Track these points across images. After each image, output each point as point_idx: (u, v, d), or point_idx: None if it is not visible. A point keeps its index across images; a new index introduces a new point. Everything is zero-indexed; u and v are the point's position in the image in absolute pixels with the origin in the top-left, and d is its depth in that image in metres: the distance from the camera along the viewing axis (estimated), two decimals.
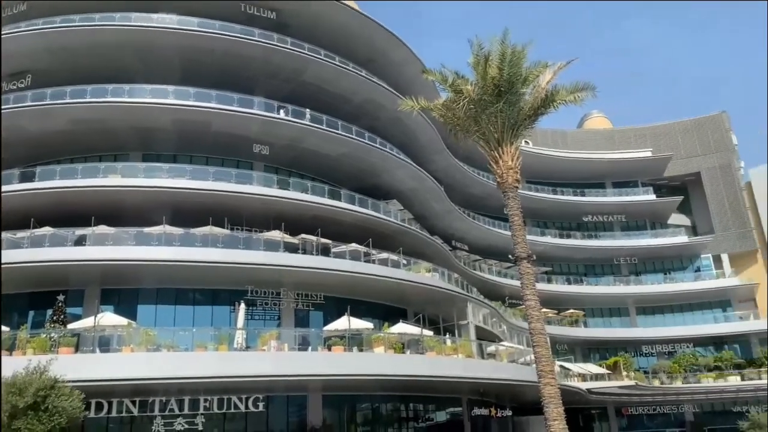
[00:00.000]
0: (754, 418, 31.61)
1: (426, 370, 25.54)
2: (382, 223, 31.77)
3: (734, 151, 57.84)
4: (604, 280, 55.02)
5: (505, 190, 15.44)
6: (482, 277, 44.47)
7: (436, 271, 33.14)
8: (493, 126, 15.14)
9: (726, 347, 51.01)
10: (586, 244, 54.22)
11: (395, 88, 33.85)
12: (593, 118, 66.34)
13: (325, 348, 24.59)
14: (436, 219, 41.42)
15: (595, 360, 49.59)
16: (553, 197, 53.97)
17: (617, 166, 56.71)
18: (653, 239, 55.57)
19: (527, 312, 14.64)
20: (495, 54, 14.78)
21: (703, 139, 58.07)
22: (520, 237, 15.03)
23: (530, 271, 14.85)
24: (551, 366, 14.03)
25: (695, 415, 49.26)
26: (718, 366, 47.97)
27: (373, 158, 33.33)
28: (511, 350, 33.96)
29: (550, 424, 13.23)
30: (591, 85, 15.11)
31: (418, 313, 32.25)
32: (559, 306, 49.84)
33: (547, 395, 13.45)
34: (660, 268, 56.44)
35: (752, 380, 46.39)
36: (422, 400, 31.03)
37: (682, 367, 48.54)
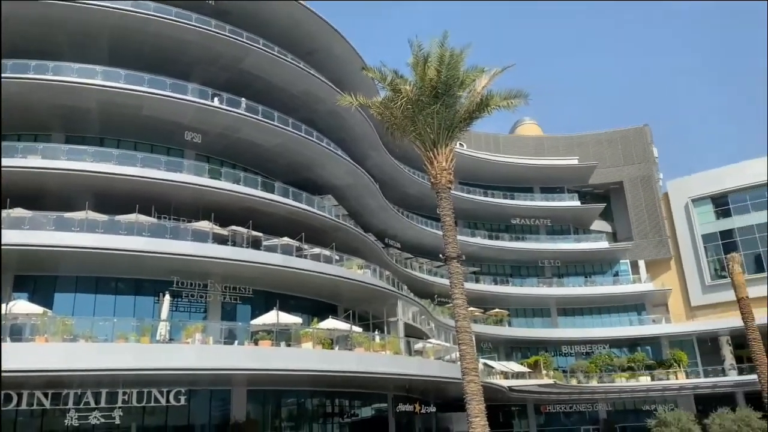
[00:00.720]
0: (661, 416, 33.34)
1: (354, 366, 25.64)
2: (316, 217, 31.63)
3: (654, 162, 60.96)
4: (529, 282, 56.83)
5: (439, 190, 15.69)
6: (413, 275, 45.02)
7: (369, 268, 33.30)
8: (430, 127, 15.35)
9: (639, 349, 53.72)
10: (513, 246, 55.82)
11: (336, 83, 33.75)
12: (525, 124, 68.38)
13: (251, 342, 24.27)
14: (370, 216, 41.61)
15: (518, 359, 51.17)
16: (485, 199, 55.27)
17: (545, 172, 58.68)
18: (576, 244, 57.89)
19: (455, 310, 14.94)
20: (434, 56, 15.00)
21: (627, 150, 60.91)
22: (450, 237, 15.31)
23: (459, 270, 15.15)
24: (475, 364, 14.37)
25: (608, 413, 51.65)
26: (631, 366, 50.46)
27: (309, 151, 33.10)
28: (438, 348, 34.56)
29: (471, 420, 13.56)
30: (524, 92, 15.58)
31: (349, 310, 32.36)
32: (485, 305, 51.13)
33: (470, 392, 13.77)
34: (581, 271, 58.86)
35: (661, 380, 49.10)
36: (349, 396, 31.15)
37: (598, 367, 50.76)
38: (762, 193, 54.79)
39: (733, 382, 47.02)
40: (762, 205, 54.70)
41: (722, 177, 57.08)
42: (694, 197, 57.77)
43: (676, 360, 50.23)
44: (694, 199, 57.74)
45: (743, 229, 55.28)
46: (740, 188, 55.85)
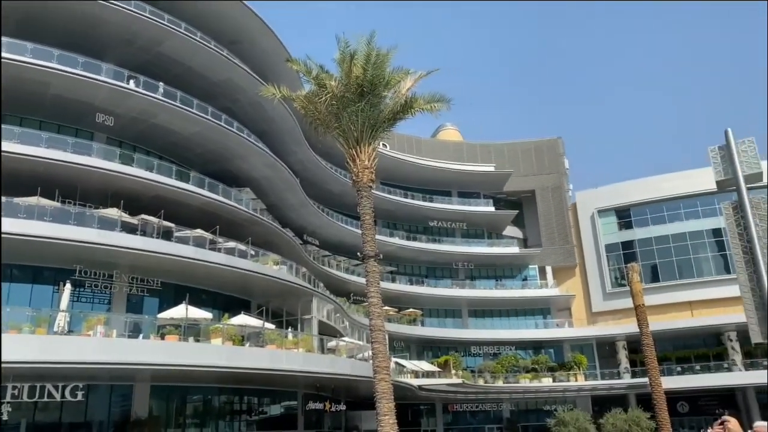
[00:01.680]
0: (560, 416, 35.00)
1: (265, 363, 25.22)
2: (232, 210, 30.87)
3: (565, 174, 63.81)
4: (443, 283, 58.02)
5: (360, 188, 15.68)
6: (330, 272, 44.87)
7: (285, 263, 32.86)
8: (354, 124, 15.31)
9: (543, 351, 56.07)
10: (430, 247, 56.80)
11: (260, 74, 33.04)
12: (447, 130, 69.75)
13: (158, 336, 23.37)
14: (290, 211, 41.09)
15: (429, 358, 52.11)
16: (405, 201, 55.91)
17: (464, 177, 60.11)
18: (489, 248, 59.67)
19: (369, 309, 14.98)
20: (361, 54, 14.98)
21: (540, 160, 63.41)
22: (369, 236, 15.35)
23: (376, 269, 15.22)
24: (387, 362, 14.48)
25: (512, 412, 53.56)
26: (535, 368, 52.59)
27: (228, 142, 32.23)
28: (351, 346, 34.61)
29: (380, 419, 13.64)
30: (446, 97, 15.85)
31: (262, 306, 31.79)
32: (400, 305, 51.73)
33: (380, 391, 13.85)
34: (493, 274, 60.75)
35: (562, 382, 51.48)
36: (258, 394, 30.63)
37: (504, 367, 52.54)
38: (661, 207, 58.60)
39: (626, 385, 49.98)
40: (661, 219, 58.48)
41: (626, 191, 60.55)
42: (599, 208, 60.93)
43: (576, 362, 52.79)
44: (600, 210, 60.91)
45: (643, 241, 58.86)
46: (642, 202, 59.45)
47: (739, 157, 8.50)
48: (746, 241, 8.18)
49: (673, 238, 57.47)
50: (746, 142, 8.59)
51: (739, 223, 8.46)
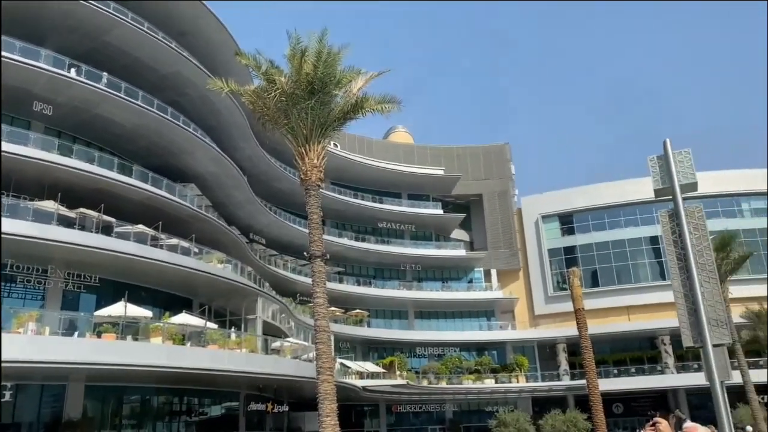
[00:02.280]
0: (501, 417, 35.65)
1: (206, 363, 24.67)
2: (176, 206, 30.09)
3: (511, 179, 65.06)
4: (391, 284, 58.21)
5: (308, 187, 15.52)
6: (276, 272, 44.32)
7: (230, 262, 32.26)
8: (303, 122, 15.14)
9: (486, 352, 56.91)
10: (378, 248, 56.89)
11: (210, 68, 32.29)
12: (398, 132, 70.08)
13: (94, 335, 22.52)
14: (236, 209, 40.37)
15: (374, 359, 52.17)
16: (354, 201, 55.82)
17: (414, 179, 60.51)
18: (436, 250, 60.24)
19: (314, 309, 14.85)
20: (312, 51, 14.83)
21: (488, 165, 64.45)
22: (316, 235, 15.20)
23: (322, 269, 15.09)
24: (331, 363, 14.37)
25: (454, 413, 54.16)
26: (478, 369, 53.36)
27: (173, 135, 31.39)
28: (296, 347, 34.29)
29: (323, 420, 13.53)
30: (397, 99, 15.87)
31: (206, 305, 31.13)
32: (347, 305, 51.59)
33: (323, 392, 13.73)
34: (439, 276, 61.35)
35: (504, 383, 52.43)
36: (198, 394, 29.95)
37: (448, 369, 53.10)
38: (602, 214, 60.48)
39: (565, 386, 51.30)
40: (602, 226, 60.36)
41: (570, 197, 62.24)
42: (543, 214, 62.40)
43: (518, 364, 53.85)
44: (544, 216, 62.39)
45: (584, 247, 60.60)
46: (584, 209, 61.21)
47: (676, 167, 8.78)
48: (680, 248, 8.46)
49: (612, 245, 59.40)
50: (683, 153, 8.90)
51: (674, 230, 8.74)
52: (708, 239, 8.49)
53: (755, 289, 49.64)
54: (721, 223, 50.62)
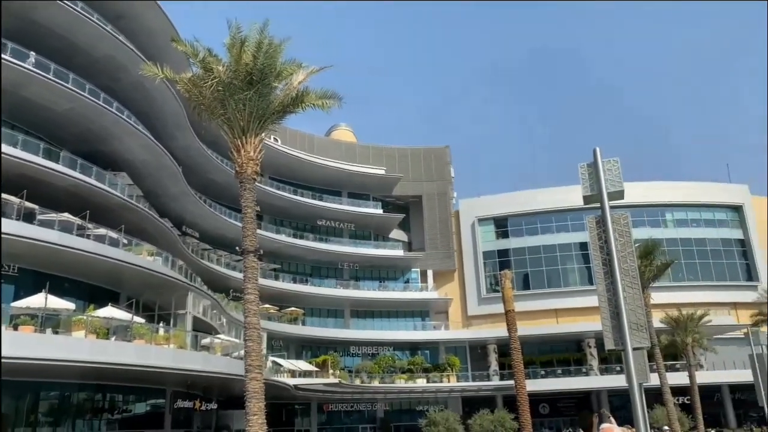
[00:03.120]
0: (431, 416, 36.02)
1: (131, 358, 23.77)
2: (106, 195, 28.90)
3: (450, 181, 65.96)
4: (328, 283, 57.94)
5: (243, 180, 15.16)
6: (209, 267, 43.29)
7: (160, 255, 31.24)
8: (240, 113, 14.78)
9: (419, 352, 57.48)
10: (317, 246, 56.51)
11: (147, 54, 31.07)
12: (340, 129, 69.86)
13: (10, 327, 21.30)
14: (169, 200, 39.15)
15: (307, 357, 51.76)
16: (294, 198, 55.21)
17: (355, 178, 60.43)
18: (375, 249, 60.35)
19: (245, 306, 14.52)
20: (252, 41, 14.50)
21: (428, 167, 65.10)
22: (250, 230, 14.87)
23: (255, 265, 14.78)
24: (260, 361, 14.09)
25: (386, 412, 54.42)
26: (411, 369, 53.80)
27: (105, 122, 30.13)
28: (227, 344, 33.56)
29: (250, 418, 13.26)
30: (338, 95, 15.73)
31: (133, 298, 30.03)
32: (282, 303, 50.98)
33: (251, 390, 13.46)
34: (377, 276, 61.52)
35: (435, 383, 53.07)
36: (122, 391, 28.84)
37: (381, 368, 53.28)
38: (535, 219, 62.21)
39: (494, 387, 52.39)
40: (535, 231, 62.06)
41: (505, 202, 63.76)
42: (480, 217, 63.65)
43: (449, 364, 54.62)
44: (480, 219, 63.63)
45: (517, 250, 62.19)
46: (518, 214, 62.81)
47: (605, 175, 9.02)
48: (606, 253, 8.69)
49: (544, 249, 61.20)
50: (611, 162, 9.16)
51: (600, 236, 8.97)
52: (632, 246, 8.76)
53: (675, 296, 52.23)
54: (647, 232, 52.99)
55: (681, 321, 41.56)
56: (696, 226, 62.33)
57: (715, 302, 55.78)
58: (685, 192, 62.86)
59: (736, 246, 62.55)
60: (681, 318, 41.65)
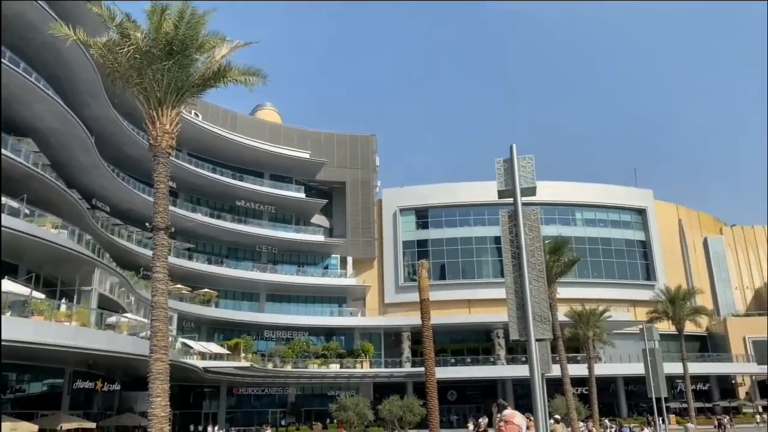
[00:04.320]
0: (342, 401, 36.25)
1: (27, 335, 22.41)
2: (8, 161, 26.99)
3: (375, 170, 66.15)
4: (244, 265, 56.90)
5: (157, 154, 14.54)
6: (119, 243, 41.43)
7: (66, 228, 29.54)
8: (158, 84, 14.13)
9: (335, 338, 57.69)
10: (235, 227, 55.31)
11: (63, 15, 29.10)
12: (266, 109, 68.46)
13: None
14: (79, 171, 37.10)
15: (219, 340, 50.76)
16: (213, 176, 53.71)
17: (278, 160, 59.47)
18: (295, 234, 59.83)
19: (153, 285, 14.01)
20: (174, 9, 13.88)
21: (354, 154, 64.99)
22: (162, 206, 14.32)
23: (165, 243, 14.26)
24: (166, 342, 13.66)
25: (297, 397, 54.34)
26: (325, 354, 53.90)
27: (10, 83, 28.07)
28: (135, 323, 32.29)
29: (152, 400, 12.84)
30: (262, 72, 15.34)
31: (33, 272, 28.31)
32: (195, 284, 49.65)
33: (155, 371, 13.03)
34: (295, 260, 61.05)
35: (349, 368, 53.42)
36: (16, 369, 27.17)
37: (295, 353, 53.05)
38: (454, 212, 63.57)
39: (405, 373, 53.39)
40: (453, 223, 63.43)
41: (427, 193, 64.75)
42: (402, 207, 64.35)
43: (364, 350, 55.14)
44: (402, 208, 64.34)
45: (435, 241, 63.39)
46: (439, 205, 63.97)
47: (519, 171, 9.27)
48: (515, 247, 8.94)
49: (461, 241, 62.71)
50: (526, 159, 9.42)
51: (512, 230, 9.22)
52: (541, 241, 9.07)
53: (580, 291, 54.91)
54: (557, 229, 55.22)
55: (584, 315, 43.73)
56: (603, 226, 65.68)
57: (616, 299, 59.17)
58: (595, 193, 66.04)
59: (638, 247, 66.46)
60: (584, 313, 43.83)
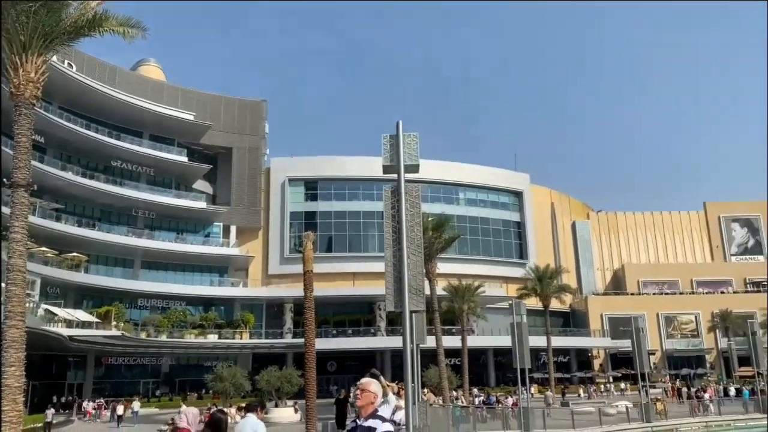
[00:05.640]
0: (218, 371, 35.65)
1: None
2: None
3: (264, 137, 64.68)
4: (118, 229, 53.80)
5: (19, 104, 13.22)
6: None
7: None
8: (22, 27, 12.77)
9: (214, 308, 56.24)
10: (110, 189, 52.01)
11: None
12: (149, 65, 64.51)
13: None
14: None
15: (89, 307, 47.83)
16: (85, 132, 50.01)
17: (160, 120, 56.38)
18: (176, 199, 57.25)
19: (10, 246, 12.87)
20: None
21: (242, 120, 62.96)
22: (23, 161, 13.08)
23: (25, 201, 13.11)
24: (22, 308, 12.61)
25: (171, 367, 52.68)
26: (203, 324, 52.49)
27: None
28: None
29: (5, 370, 11.84)
30: (143, 25, 14.33)
31: None
32: (64, 247, 46.25)
33: (9, 338, 12.01)
34: (175, 227, 58.58)
35: (227, 339, 52.47)
36: None
37: (171, 322, 51.21)
38: (344, 185, 63.76)
39: (286, 344, 53.33)
40: (343, 196, 63.65)
41: (318, 165, 64.34)
42: (291, 177, 63.50)
43: (244, 321, 54.33)
44: (291, 179, 63.51)
45: (324, 213, 63.37)
46: (329, 178, 63.84)
47: (404, 148, 9.41)
48: (396, 221, 9.11)
49: (349, 215, 63.17)
50: (411, 136, 9.58)
51: (394, 205, 9.38)
52: (420, 217, 9.29)
53: (459, 267, 57.28)
54: (441, 208, 57.08)
55: (460, 290, 45.78)
56: (483, 206, 68.75)
57: (491, 275, 62.40)
58: (478, 174, 68.83)
59: (514, 227, 70.35)
60: (460, 287, 45.86)
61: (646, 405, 27.68)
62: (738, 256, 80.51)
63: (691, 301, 72.03)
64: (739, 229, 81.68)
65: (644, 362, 29.51)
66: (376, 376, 6.11)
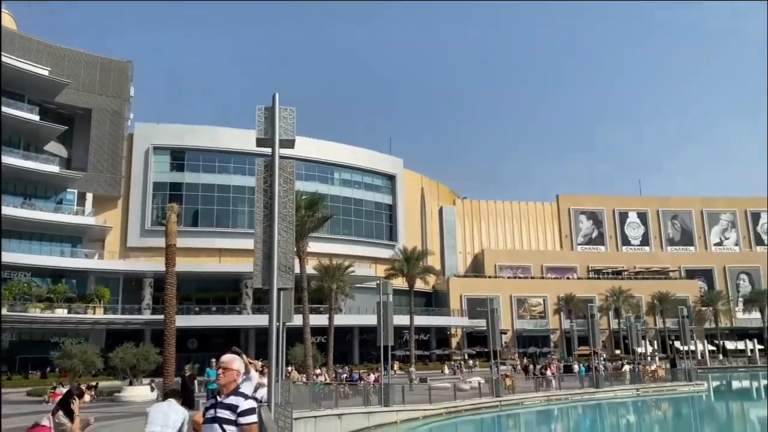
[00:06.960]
0: (66, 348, 33.30)
1: None
2: None
3: (129, 101, 60.36)
4: None
5: None
6: None
7: None
8: None
9: (64, 281, 52.07)
10: None
11: None
12: None
13: None
14: None
15: None
16: None
17: (9, 72, 50.67)
18: (22, 160, 52.03)
19: None
20: None
21: (104, 80, 58.38)
22: None
23: None
24: None
25: (11, 343, 48.32)
26: (50, 298, 48.49)
27: None
28: None
29: None
30: None
31: None
32: None
33: None
34: (22, 191, 53.36)
35: (78, 314, 48.94)
36: None
37: (12, 294, 46.80)
38: (214, 157, 61.42)
39: (144, 321, 50.82)
40: (212, 168, 61.30)
41: (186, 133, 61.35)
42: (156, 145, 60.08)
43: (98, 295, 50.94)
44: (156, 147, 60.10)
45: (191, 186, 60.71)
46: (198, 148, 61.16)
47: (280, 122, 9.25)
48: (269, 197, 8.97)
49: (218, 188, 61.13)
50: (288, 111, 9.43)
51: (266, 180, 9.22)
52: (293, 193, 9.22)
53: (330, 247, 57.69)
54: (315, 186, 56.91)
55: (330, 269, 46.10)
56: (357, 188, 69.53)
57: (362, 256, 63.50)
58: (354, 156, 69.39)
59: (385, 210, 71.96)
60: (330, 267, 46.18)
61: (496, 381, 29.69)
62: (583, 245, 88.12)
63: (540, 285, 78.10)
64: (586, 221, 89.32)
65: (497, 341, 31.57)
66: (238, 353, 6.02)
